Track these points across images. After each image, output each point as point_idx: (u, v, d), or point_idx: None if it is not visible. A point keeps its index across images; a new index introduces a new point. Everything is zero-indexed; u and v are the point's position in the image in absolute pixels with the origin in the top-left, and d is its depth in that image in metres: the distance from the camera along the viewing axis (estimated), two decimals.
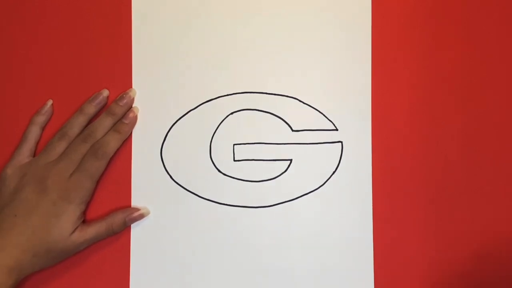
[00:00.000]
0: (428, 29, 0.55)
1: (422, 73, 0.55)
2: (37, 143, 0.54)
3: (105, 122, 0.54)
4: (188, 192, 0.54)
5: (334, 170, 0.55)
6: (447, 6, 0.55)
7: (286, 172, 0.55)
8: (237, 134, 0.55)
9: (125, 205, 0.54)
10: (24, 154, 0.53)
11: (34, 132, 0.54)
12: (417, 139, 0.55)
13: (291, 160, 0.55)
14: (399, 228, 0.54)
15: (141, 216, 0.54)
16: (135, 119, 0.54)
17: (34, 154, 0.54)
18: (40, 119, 0.54)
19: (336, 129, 0.55)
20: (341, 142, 0.55)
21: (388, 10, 0.55)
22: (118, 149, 0.54)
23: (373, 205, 0.54)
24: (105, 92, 0.55)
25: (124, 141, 0.54)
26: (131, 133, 0.55)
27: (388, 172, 0.54)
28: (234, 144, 0.54)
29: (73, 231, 0.51)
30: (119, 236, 0.54)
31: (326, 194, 0.54)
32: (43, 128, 0.55)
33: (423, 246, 0.54)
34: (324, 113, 0.55)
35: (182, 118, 0.55)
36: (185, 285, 0.54)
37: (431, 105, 0.55)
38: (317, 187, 0.55)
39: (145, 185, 0.54)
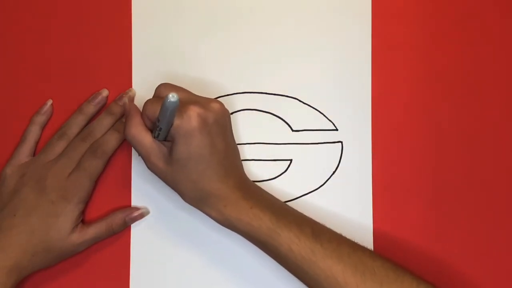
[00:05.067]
0: (428, 29, 0.55)
1: (422, 73, 0.55)
2: (37, 143, 0.54)
3: (105, 122, 0.54)
4: None
5: (334, 170, 0.55)
6: (447, 6, 0.55)
7: (286, 172, 0.55)
8: (237, 134, 0.55)
9: (125, 205, 0.54)
10: (24, 154, 0.53)
11: (33, 132, 0.54)
12: (417, 139, 0.55)
13: (291, 160, 0.55)
14: (399, 228, 0.54)
15: (141, 216, 0.54)
16: None
17: (34, 154, 0.54)
18: (40, 119, 0.54)
19: (336, 129, 0.55)
20: (341, 142, 0.55)
21: (388, 10, 0.55)
22: (118, 149, 0.54)
23: (373, 205, 0.54)
24: (105, 92, 0.55)
25: (124, 140, 0.54)
26: None
27: (388, 172, 0.54)
28: None
29: (72, 231, 0.51)
30: (119, 236, 0.54)
31: (326, 194, 0.54)
32: (42, 128, 0.55)
33: (423, 246, 0.54)
34: (324, 113, 0.55)
35: None
36: (185, 285, 0.54)
37: (431, 104, 0.55)
38: (317, 187, 0.55)
39: (145, 185, 0.54)
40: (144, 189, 0.54)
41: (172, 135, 0.47)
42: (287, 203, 0.54)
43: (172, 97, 0.43)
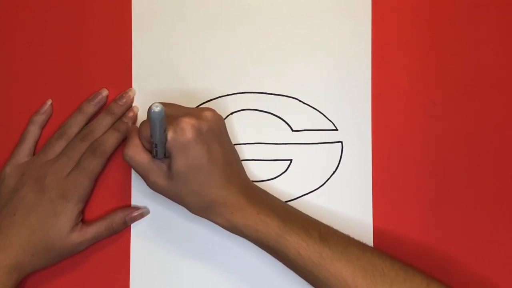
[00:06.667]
0: (428, 29, 0.55)
1: (422, 73, 0.55)
2: (37, 142, 0.54)
3: (104, 121, 0.54)
4: None
5: (334, 170, 0.55)
6: (447, 6, 0.55)
7: (286, 172, 0.55)
8: (237, 134, 0.55)
9: (125, 205, 0.54)
10: (23, 153, 0.53)
11: (33, 132, 0.54)
12: (417, 139, 0.55)
13: (291, 160, 0.55)
14: (399, 228, 0.54)
15: (141, 216, 0.54)
16: (134, 118, 0.54)
17: (34, 153, 0.54)
18: (39, 118, 0.54)
19: (336, 129, 0.55)
20: (341, 142, 0.55)
21: (388, 10, 0.55)
22: (118, 149, 0.54)
23: (373, 205, 0.54)
24: (105, 92, 0.55)
25: (124, 140, 0.54)
26: None
27: (388, 172, 0.54)
28: (234, 144, 0.54)
29: (72, 230, 0.51)
30: (119, 236, 0.54)
31: (326, 194, 0.54)
32: (42, 128, 0.55)
33: (423, 246, 0.54)
34: (324, 113, 0.55)
35: None
36: (185, 285, 0.54)
37: (431, 105, 0.55)
38: (317, 187, 0.55)
39: (145, 185, 0.54)
40: (144, 189, 0.54)
41: (168, 150, 0.47)
42: (287, 203, 0.54)
43: (156, 107, 0.42)
